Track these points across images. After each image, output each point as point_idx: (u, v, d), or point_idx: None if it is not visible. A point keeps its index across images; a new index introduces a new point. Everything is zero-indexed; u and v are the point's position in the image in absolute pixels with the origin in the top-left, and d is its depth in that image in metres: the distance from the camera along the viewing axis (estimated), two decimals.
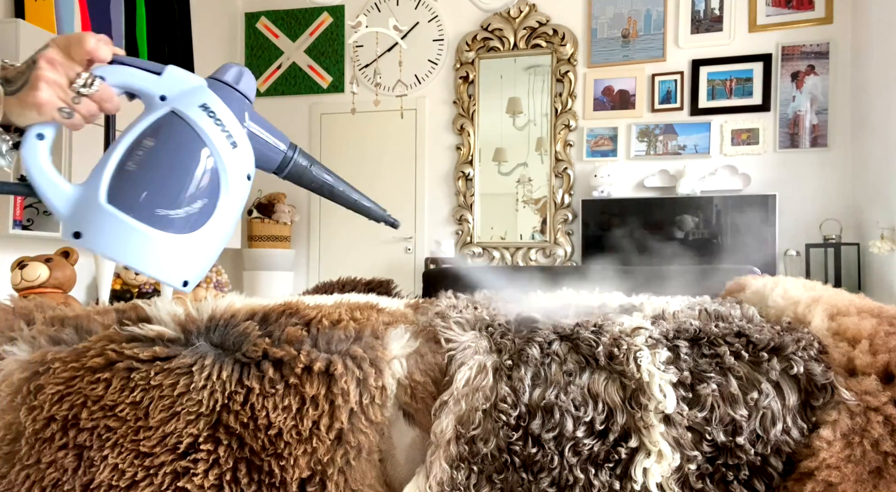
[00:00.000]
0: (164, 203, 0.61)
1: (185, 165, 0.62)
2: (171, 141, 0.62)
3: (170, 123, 0.62)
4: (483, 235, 4.67)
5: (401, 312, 0.96)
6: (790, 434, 0.73)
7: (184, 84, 0.65)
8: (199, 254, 0.64)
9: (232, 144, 0.65)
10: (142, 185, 0.61)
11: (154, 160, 0.61)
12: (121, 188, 0.60)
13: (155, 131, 0.62)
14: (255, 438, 0.76)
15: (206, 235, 0.64)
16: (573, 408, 0.76)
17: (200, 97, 0.64)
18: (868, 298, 0.92)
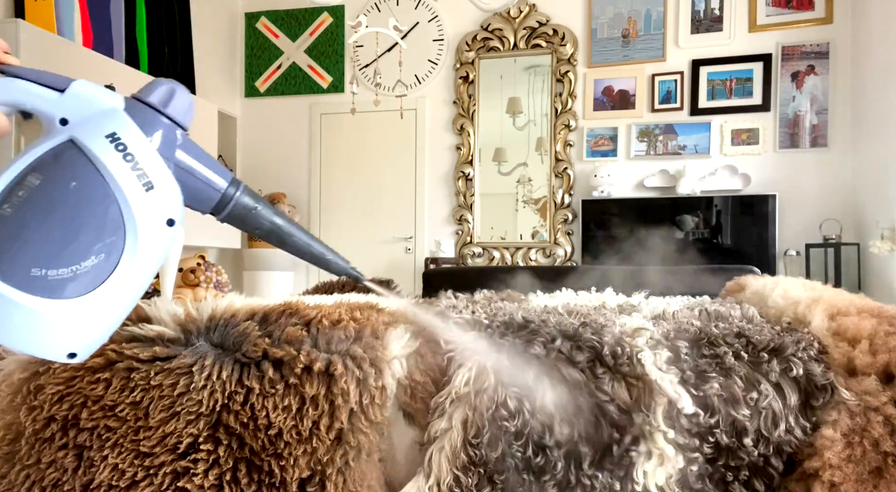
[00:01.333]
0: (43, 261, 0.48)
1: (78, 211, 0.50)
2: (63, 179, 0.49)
3: (66, 155, 0.50)
4: (483, 235, 4.67)
5: (401, 312, 0.96)
6: (794, 434, 0.73)
7: (92, 105, 0.52)
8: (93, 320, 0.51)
9: (145, 184, 0.52)
10: (15, 235, 0.47)
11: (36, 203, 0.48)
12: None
13: (45, 165, 0.49)
14: (255, 438, 0.76)
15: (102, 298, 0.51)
16: (577, 410, 0.76)
17: (110, 124, 0.51)
18: (868, 298, 0.92)
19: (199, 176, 0.57)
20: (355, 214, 4.84)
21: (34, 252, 0.48)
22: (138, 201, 0.52)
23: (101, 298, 0.51)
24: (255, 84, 5.07)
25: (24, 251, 0.48)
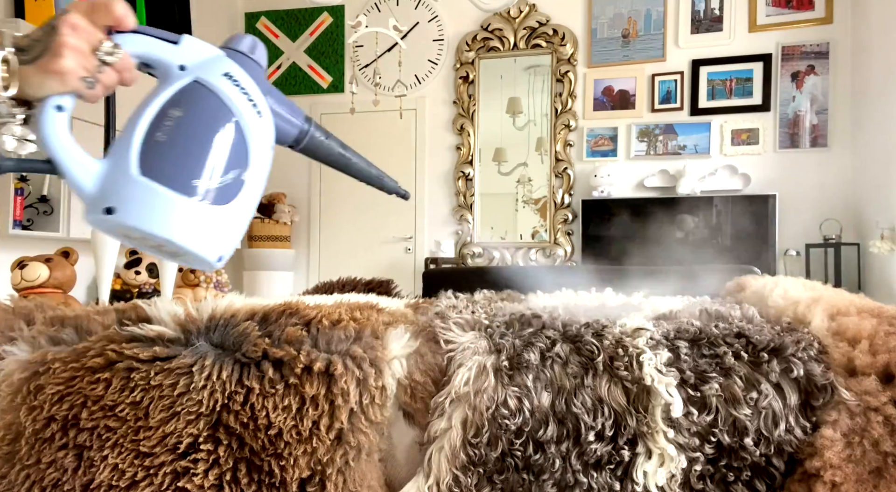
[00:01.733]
0: (198, 173, 0.58)
1: (217, 134, 0.60)
2: (200, 110, 0.60)
3: (195, 92, 0.60)
4: (483, 235, 4.67)
5: (401, 312, 0.96)
6: (794, 434, 0.73)
7: (202, 53, 0.62)
8: (232, 227, 0.61)
9: (257, 113, 0.62)
10: (176, 155, 0.58)
11: (185, 130, 0.58)
12: (153, 159, 0.57)
13: (180, 101, 0.59)
14: (255, 438, 0.76)
15: (238, 208, 0.61)
16: (578, 411, 0.76)
17: (222, 66, 0.61)
18: (868, 298, 0.92)
19: (283, 111, 0.67)
20: (355, 214, 4.85)
21: (194, 167, 0.58)
22: (254, 126, 0.62)
23: (239, 206, 0.61)
24: None
25: (185, 166, 0.58)
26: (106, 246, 1.91)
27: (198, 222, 0.58)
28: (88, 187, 0.57)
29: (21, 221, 3.17)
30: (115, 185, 0.57)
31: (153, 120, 0.58)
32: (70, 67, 0.54)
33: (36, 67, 0.54)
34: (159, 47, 0.60)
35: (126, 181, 0.57)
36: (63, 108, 0.57)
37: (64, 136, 0.57)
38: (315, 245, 4.98)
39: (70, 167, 0.57)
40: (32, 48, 0.55)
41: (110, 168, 0.57)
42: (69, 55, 0.54)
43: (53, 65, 0.54)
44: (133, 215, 0.56)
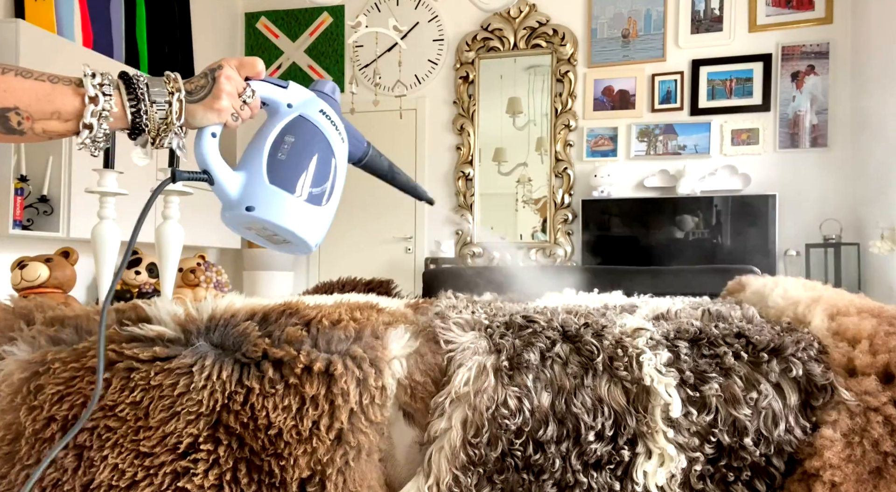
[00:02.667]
0: (309, 182, 0.79)
1: (318, 155, 0.80)
2: (306, 137, 0.80)
3: (301, 123, 0.81)
4: (483, 235, 4.67)
5: (401, 312, 0.96)
6: (794, 434, 0.73)
7: (302, 96, 0.82)
8: (325, 222, 0.82)
9: (342, 139, 0.84)
10: (293, 169, 0.78)
11: (297, 151, 0.79)
12: (278, 172, 0.77)
13: (292, 130, 0.80)
14: (255, 438, 0.76)
15: (329, 208, 0.81)
16: (578, 411, 0.76)
17: (317, 105, 0.83)
18: (868, 298, 0.92)
19: (353, 136, 0.89)
20: (355, 214, 4.84)
21: (307, 178, 0.79)
22: (339, 149, 0.83)
23: (330, 207, 0.82)
24: None
25: (299, 177, 0.79)
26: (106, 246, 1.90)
27: (307, 217, 0.78)
28: (233, 192, 0.77)
29: (21, 221, 3.17)
30: (252, 190, 0.77)
31: (273, 143, 0.79)
32: (226, 107, 0.76)
33: (202, 105, 0.75)
34: (275, 91, 0.81)
35: (260, 186, 0.77)
36: (216, 135, 0.77)
37: (216, 155, 0.77)
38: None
39: (220, 177, 0.77)
40: (198, 92, 0.75)
41: (247, 178, 0.77)
42: (226, 98, 0.75)
43: (215, 104, 0.75)
44: (267, 211, 0.76)
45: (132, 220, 0.77)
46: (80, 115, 0.68)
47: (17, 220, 3.14)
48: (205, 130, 0.76)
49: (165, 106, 0.72)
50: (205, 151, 0.76)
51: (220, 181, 0.76)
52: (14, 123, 0.66)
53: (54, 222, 3.31)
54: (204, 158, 0.76)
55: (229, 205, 0.77)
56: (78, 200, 3.33)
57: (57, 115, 0.68)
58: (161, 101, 0.72)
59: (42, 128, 0.68)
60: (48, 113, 0.67)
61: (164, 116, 0.73)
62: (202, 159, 0.76)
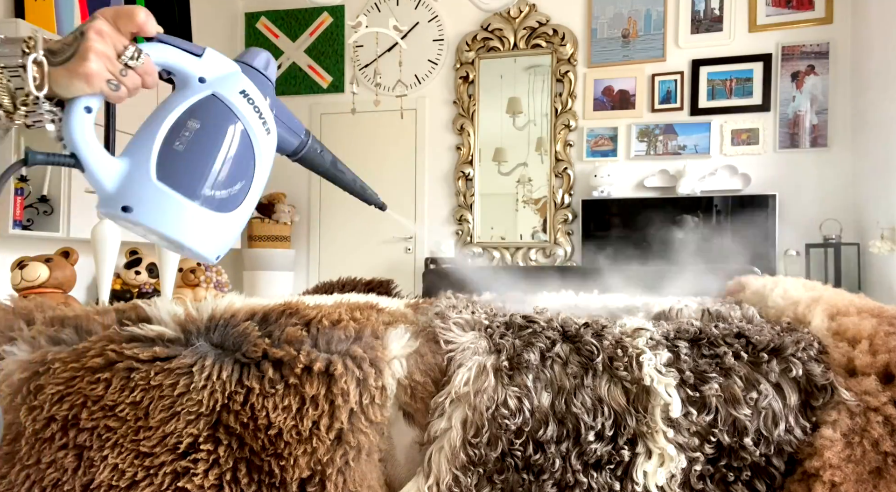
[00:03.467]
0: (212, 184, 0.64)
1: (229, 148, 0.65)
2: (215, 124, 0.64)
3: (212, 106, 0.65)
4: (483, 235, 4.67)
5: (401, 312, 0.96)
6: (794, 434, 0.73)
7: (221, 68, 0.66)
8: (232, 231, 0.68)
9: (266, 129, 0.68)
10: (191, 164, 0.63)
11: (200, 142, 0.64)
12: (170, 167, 0.63)
13: (198, 113, 0.64)
14: (255, 438, 0.76)
15: (240, 215, 0.67)
16: (578, 411, 0.76)
17: (238, 83, 0.66)
18: (868, 298, 0.92)
19: (287, 124, 0.74)
20: (355, 214, 4.84)
21: (206, 178, 0.64)
22: (262, 141, 0.68)
23: (241, 213, 0.67)
24: None
25: (198, 177, 0.63)
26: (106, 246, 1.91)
27: (204, 227, 0.64)
28: (108, 185, 0.62)
29: (21, 221, 3.17)
30: (133, 186, 0.62)
31: (171, 127, 0.63)
32: (95, 70, 0.58)
33: (65, 70, 0.58)
34: (182, 58, 0.64)
35: (144, 184, 0.62)
36: (91, 110, 0.61)
37: (90, 134, 0.61)
38: (315, 245, 4.98)
39: (92, 164, 0.61)
40: (63, 52, 0.58)
41: (129, 169, 0.62)
42: (95, 59, 0.58)
43: (80, 68, 0.58)
44: (148, 216, 0.62)
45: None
46: None
47: (17, 220, 3.14)
48: (76, 103, 0.60)
49: (17, 72, 0.57)
50: (72, 127, 0.61)
51: (91, 169, 0.61)
52: None
53: (54, 222, 3.31)
54: (71, 137, 0.61)
55: (104, 199, 0.63)
56: (78, 200, 3.33)
57: None
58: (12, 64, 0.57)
59: None
60: None
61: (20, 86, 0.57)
62: (69, 138, 0.61)
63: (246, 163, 0.66)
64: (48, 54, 0.58)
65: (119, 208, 0.62)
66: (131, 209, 0.62)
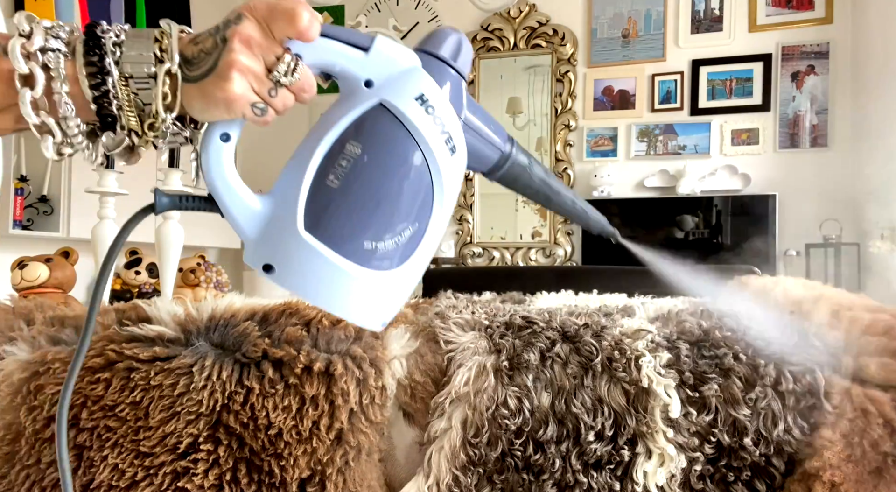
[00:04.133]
0: (373, 233, 0.48)
1: (400, 181, 0.48)
2: (383, 147, 0.48)
3: (379, 120, 0.48)
4: (483, 235, 4.67)
5: (401, 312, 0.96)
6: (792, 434, 0.73)
7: (394, 65, 0.48)
8: (401, 290, 0.52)
9: (451, 149, 0.50)
10: (348, 208, 0.48)
11: (362, 174, 0.47)
12: (321, 211, 0.48)
13: (360, 132, 0.48)
14: (255, 438, 0.76)
15: (411, 268, 0.51)
16: (578, 411, 0.76)
17: (416, 84, 0.48)
18: (868, 298, 0.92)
19: (484, 134, 0.55)
20: None
21: (366, 226, 0.48)
22: (446, 166, 0.50)
23: (413, 266, 0.51)
24: None
25: (356, 223, 0.48)
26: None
27: (364, 293, 0.49)
28: (250, 233, 0.49)
29: (21, 221, 3.17)
30: (276, 237, 0.48)
31: (327, 154, 0.48)
32: (239, 94, 0.45)
33: (199, 90, 0.45)
34: (346, 56, 0.48)
35: (288, 236, 0.48)
36: (229, 138, 0.48)
37: (229, 170, 0.48)
38: None
39: (232, 209, 0.48)
40: (199, 63, 0.45)
41: (273, 213, 0.49)
42: (239, 79, 0.44)
43: (220, 91, 0.44)
44: (292, 279, 0.48)
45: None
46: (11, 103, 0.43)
47: (17, 220, 3.14)
48: (211, 131, 0.48)
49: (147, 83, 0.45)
50: (210, 163, 0.48)
51: (231, 214, 0.49)
52: None
53: (54, 222, 3.31)
54: (208, 175, 0.48)
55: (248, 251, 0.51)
56: (78, 200, 3.33)
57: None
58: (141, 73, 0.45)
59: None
60: None
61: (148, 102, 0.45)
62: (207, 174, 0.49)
63: (421, 199, 0.49)
64: (183, 64, 0.45)
65: (259, 266, 0.49)
66: (273, 269, 0.48)
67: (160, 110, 0.45)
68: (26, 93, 0.41)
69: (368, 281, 0.49)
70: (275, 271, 0.48)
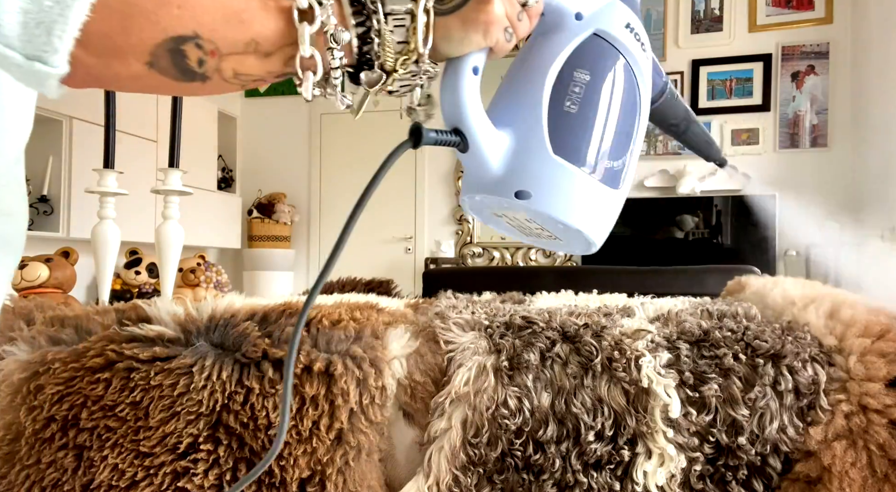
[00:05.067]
0: (611, 153, 0.51)
1: (623, 101, 0.51)
2: (608, 73, 0.50)
3: (596, 48, 0.50)
4: (483, 235, 4.67)
5: (401, 312, 0.96)
6: (792, 434, 0.73)
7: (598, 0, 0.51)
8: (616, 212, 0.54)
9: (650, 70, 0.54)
10: (587, 130, 0.50)
11: (593, 97, 0.50)
12: (565, 136, 0.49)
13: (584, 60, 0.50)
14: (255, 438, 0.76)
15: (626, 191, 0.53)
16: (578, 411, 0.76)
17: (622, 15, 0.51)
18: (868, 298, 0.92)
19: (654, 62, 0.58)
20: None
21: (605, 144, 0.50)
22: (646, 89, 0.53)
23: (626, 189, 0.53)
24: None
25: (598, 144, 0.50)
26: (106, 246, 1.91)
27: (599, 207, 0.52)
28: (496, 164, 0.49)
29: None
30: (527, 164, 0.49)
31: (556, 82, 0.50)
32: (500, 15, 0.46)
33: (458, 19, 0.46)
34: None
35: (540, 161, 0.49)
36: (478, 71, 0.50)
37: (478, 105, 0.49)
38: (315, 245, 4.98)
39: (481, 140, 0.49)
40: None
41: (516, 144, 0.50)
42: (498, 1, 0.46)
43: (483, 13, 0.45)
44: (549, 201, 0.49)
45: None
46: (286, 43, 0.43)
47: None
48: (462, 62, 0.49)
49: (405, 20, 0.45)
50: (462, 95, 0.48)
51: (479, 147, 0.49)
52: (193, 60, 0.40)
53: (54, 222, 3.30)
54: (460, 109, 0.48)
55: (485, 184, 0.51)
56: (78, 200, 3.33)
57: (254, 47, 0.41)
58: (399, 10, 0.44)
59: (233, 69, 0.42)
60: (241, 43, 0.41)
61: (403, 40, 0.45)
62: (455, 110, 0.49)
63: (634, 118, 0.52)
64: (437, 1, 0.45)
65: (511, 194, 0.49)
66: (529, 194, 0.49)
67: (419, 45, 0.45)
68: (305, 27, 0.42)
69: (605, 197, 0.51)
70: (531, 196, 0.49)
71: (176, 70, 0.40)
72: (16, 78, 0.37)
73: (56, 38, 0.35)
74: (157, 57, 0.39)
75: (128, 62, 0.38)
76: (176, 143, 2.03)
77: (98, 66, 0.38)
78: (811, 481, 0.70)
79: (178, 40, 0.39)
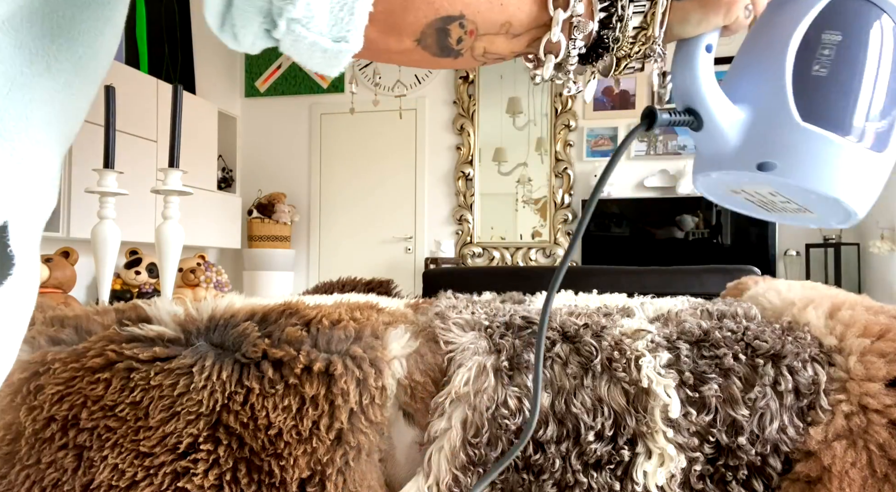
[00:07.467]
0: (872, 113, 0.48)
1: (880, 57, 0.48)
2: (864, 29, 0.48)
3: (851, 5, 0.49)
4: (483, 235, 4.67)
5: (401, 312, 0.96)
6: (791, 434, 0.73)
7: None
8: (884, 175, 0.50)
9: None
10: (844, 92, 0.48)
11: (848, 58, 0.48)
12: (815, 100, 0.48)
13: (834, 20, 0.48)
14: (254, 438, 0.76)
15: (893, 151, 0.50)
16: (578, 411, 0.76)
17: None
18: (869, 298, 0.92)
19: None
20: (355, 214, 4.85)
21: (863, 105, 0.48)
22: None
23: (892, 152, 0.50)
24: (256, 84, 5.07)
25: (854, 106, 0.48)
26: (106, 246, 1.91)
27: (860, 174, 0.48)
28: (733, 138, 0.49)
29: None
30: (770, 134, 0.48)
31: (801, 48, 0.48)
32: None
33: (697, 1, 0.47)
34: None
35: (786, 129, 0.48)
36: (711, 48, 0.50)
37: (714, 83, 0.49)
38: (315, 245, 4.98)
39: (718, 117, 0.49)
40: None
41: (755, 116, 0.49)
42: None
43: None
44: (797, 170, 0.48)
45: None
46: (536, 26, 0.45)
47: None
48: (697, 42, 0.49)
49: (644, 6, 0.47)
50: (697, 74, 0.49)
51: (716, 123, 0.49)
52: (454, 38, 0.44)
53: (54, 222, 3.31)
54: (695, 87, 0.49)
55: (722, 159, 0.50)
56: (78, 200, 3.33)
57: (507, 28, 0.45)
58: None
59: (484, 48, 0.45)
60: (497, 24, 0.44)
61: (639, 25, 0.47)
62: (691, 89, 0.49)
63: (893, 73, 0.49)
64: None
65: (752, 167, 0.48)
66: (774, 165, 0.48)
67: (656, 29, 0.47)
68: (559, 13, 0.45)
69: (867, 162, 0.49)
70: (776, 167, 0.48)
71: (437, 47, 0.44)
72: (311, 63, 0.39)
73: (358, 17, 0.37)
74: (426, 34, 0.42)
75: (401, 38, 0.42)
76: (176, 143, 2.03)
77: (377, 40, 0.41)
78: (811, 481, 0.70)
79: (446, 20, 0.42)
